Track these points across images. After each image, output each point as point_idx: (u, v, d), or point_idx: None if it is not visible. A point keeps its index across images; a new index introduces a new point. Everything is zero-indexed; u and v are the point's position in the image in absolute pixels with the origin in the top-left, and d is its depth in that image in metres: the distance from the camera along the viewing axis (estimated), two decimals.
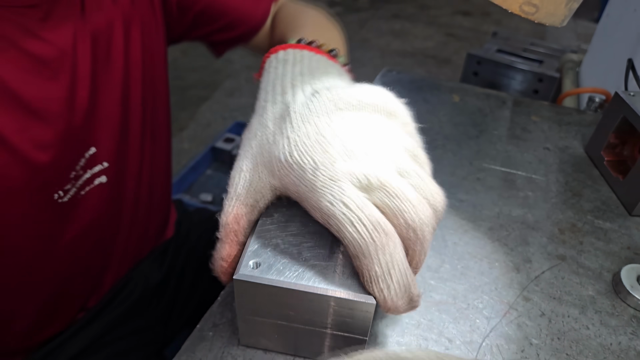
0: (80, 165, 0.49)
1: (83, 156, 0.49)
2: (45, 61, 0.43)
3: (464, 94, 0.73)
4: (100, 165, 0.51)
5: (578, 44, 2.15)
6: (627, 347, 0.40)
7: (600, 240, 0.49)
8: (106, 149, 0.51)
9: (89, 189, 0.51)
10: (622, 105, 0.54)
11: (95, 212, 0.52)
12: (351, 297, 0.29)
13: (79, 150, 0.48)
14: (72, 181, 0.48)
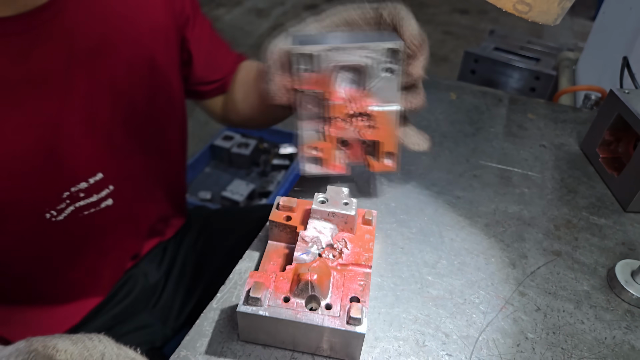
0: (79, 187, 0.49)
1: (85, 180, 0.50)
2: (29, 91, 0.43)
3: (461, 92, 0.74)
4: (107, 189, 0.52)
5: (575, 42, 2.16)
6: (621, 341, 0.40)
7: (595, 236, 0.50)
8: (111, 172, 0.52)
9: (94, 211, 0.52)
10: (617, 103, 0.55)
11: (101, 230, 0.54)
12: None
13: (74, 174, 0.49)
14: (65, 201, 0.49)
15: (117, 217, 0.55)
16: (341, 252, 0.41)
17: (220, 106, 0.70)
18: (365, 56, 0.42)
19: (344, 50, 0.42)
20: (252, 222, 0.73)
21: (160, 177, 0.63)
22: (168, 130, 0.62)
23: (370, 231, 0.43)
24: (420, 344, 0.39)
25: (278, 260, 0.42)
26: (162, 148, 0.61)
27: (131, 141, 0.55)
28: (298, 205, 0.43)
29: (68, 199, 0.49)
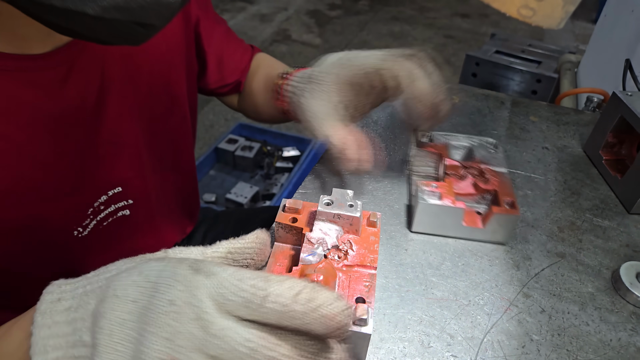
0: (100, 201, 0.50)
1: (105, 194, 0.51)
2: (63, 120, 0.44)
3: (463, 95, 0.74)
4: (125, 201, 0.53)
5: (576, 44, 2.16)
6: (626, 343, 0.40)
7: (599, 238, 0.50)
8: (131, 187, 0.53)
9: (112, 220, 0.53)
10: (619, 105, 0.55)
11: (117, 239, 0.55)
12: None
13: (97, 190, 0.50)
14: (89, 217, 0.50)
15: (134, 227, 0.56)
16: (346, 253, 0.41)
17: (237, 102, 0.71)
18: (471, 142, 0.55)
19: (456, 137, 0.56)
20: (258, 223, 0.73)
21: (175, 190, 0.64)
22: (182, 145, 0.63)
23: (375, 233, 0.43)
24: (426, 345, 0.39)
25: (284, 262, 0.42)
26: (178, 164, 0.62)
27: (149, 158, 0.56)
28: (304, 207, 0.43)
29: (92, 215, 0.50)
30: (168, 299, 0.24)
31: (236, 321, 0.23)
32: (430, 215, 0.47)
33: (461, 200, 0.49)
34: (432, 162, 0.54)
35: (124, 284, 0.26)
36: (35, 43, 0.41)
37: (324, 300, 0.23)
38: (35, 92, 0.41)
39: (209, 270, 0.25)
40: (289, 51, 2.72)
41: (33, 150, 0.42)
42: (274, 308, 0.23)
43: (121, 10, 0.30)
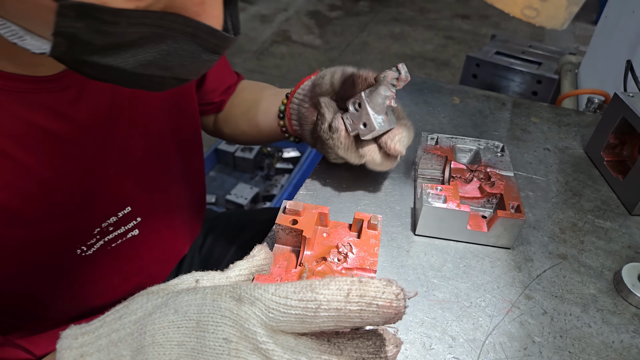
0: (108, 222, 0.50)
1: (115, 215, 0.50)
2: (72, 140, 0.43)
3: (464, 96, 0.74)
4: (134, 221, 0.53)
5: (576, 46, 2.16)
6: (629, 345, 0.40)
7: (601, 239, 0.50)
8: (139, 204, 0.53)
9: (121, 242, 0.52)
10: (621, 106, 0.55)
11: (126, 259, 0.54)
12: None
13: (105, 210, 0.49)
14: (96, 236, 0.49)
15: (143, 245, 0.56)
16: (346, 256, 0.41)
17: (212, 122, 0.71)
18: (478, 145, 0.55)
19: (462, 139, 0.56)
20: (258, 224, 0.73)
21: (185, 204, 0.64)
22: (192, 157, 0.63)
23: (375, 236, 0.43)
24: (427, 347, 0.39)
25: (284, 264, 0.42)
26: (187, 176, 0.62)
27: (160, 175, 0.56)
28: (304, 209, 0.43)
29: (98, 235, 0.49)
30: (222, 337, 0.23)
31: (294, 339, 0.23)
32: (435, 218, 0.47)
33: (466, 203, 0.49)
34: (438, 165, 0.54)
35: (162, 327, 0.24)
36: (47, 65, 0.40)
37: (376, 291, 0.23)
38: (45, 114, 0.41)
39: (251, 295, 0.24)
40: (289, 52, 2.72)
41: (40, 172, 0.42)
42: (329, 315, 0.22)
43: (160, 67, 0.29)
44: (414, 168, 0.58)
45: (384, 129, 0.47)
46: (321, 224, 0.45)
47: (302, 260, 0.41)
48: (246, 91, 0.68)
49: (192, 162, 0.63)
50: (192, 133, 0.61)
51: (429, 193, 0.47)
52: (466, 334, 0.40)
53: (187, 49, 0.29)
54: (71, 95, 0.42)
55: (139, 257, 0.56)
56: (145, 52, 0.28)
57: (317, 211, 0.43)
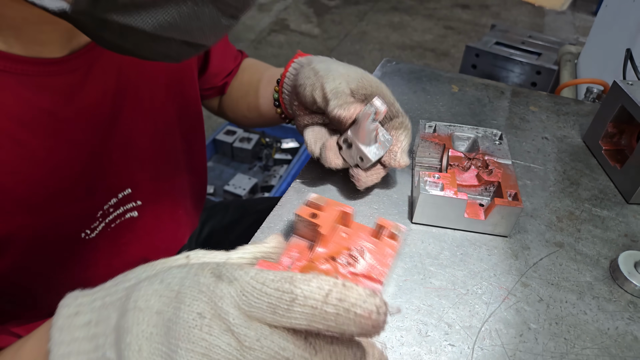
0: (110, 204, 0.50)
1: (115, 196, 0.50)
2: (79, 125, 0.43)
3: (463, 85, 0.73)
4: (134, 202, 0.53)
5: (576, 36, 2.15)
6: (624, 331, 0.40)
7: (597, 227, 0.50)
8: (141, 189, 0.53)
9: (119, 222, 0.52)
10: (620, 95, 0.55)
11: (125, 242, 0.54)
12: None
13: (108, 194, 0.49)
14: (99, 219, 0.49)
15: (142, 230, 0.56)
16: (356, 260, 0.40)
17: (217, 104, 0.71)
18: (476, 133, 0.55)
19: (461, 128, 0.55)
20: (255, 214, 0.73)
21: (188, 193, 0.63)
22: (195, 144, 0.62)
23: (393, 246, 0.41)
24: (423, 334, 0.39)
25: (295, 255, 0.41)
26: (190, 165, 0.62)
27: (165, 162, 0.55)
28: (327, 205, 0.42)
29: (101, 217, 0.49)
30: (197, 312, 0.23)
31: (269, 329, 0.22)
32: (432, 206, 0.47)
33: (464, 191, 0.48)
34: (436, 153, 0.53)
35: (146, 294, 0.24)
36: (54, 47, 0.40)
37: (357, 298, 0.21)
38: (52, 97, 0.40)
39: (231, 275, 0.23)
40: (287, 41, 2.70)
41: (47, 156, 0.41)
42: (303, 312, 0.22)
43: (179, 30, 0.29)
44: (411, 156, 0.58)
45: (380, 155, 0.48)
46: (343, 223, 0.43)
47: (312, 257, 0.40)
48: (245, 73, 0.68)
49: (195, 151, 0.63)
50: (195, 120, 0.60)
51: (427, 181, 0.47)
52: (462, 321, 0.40)
53: (207, 13, 0.29)
54: (77, 79, 0.42)
55: (139, 241, 0.56)
56: (166, 12, 0.27)
57: (340, 209, 0.42)
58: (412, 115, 0.66)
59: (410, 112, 0.67)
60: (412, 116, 0.65)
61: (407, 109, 0.67)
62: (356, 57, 2.56)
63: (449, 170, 0.50)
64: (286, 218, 0.49)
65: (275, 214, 0.50)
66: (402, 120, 0.49)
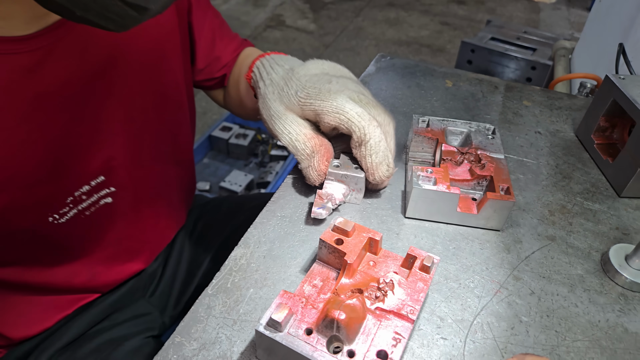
0: (81, 191, 0.49)
1: (87, 183, 0.50)
2: (41, 105, 0.42)
3: (457, 80, 0.73)
4: (107, 189, 0.52)
5: (571, 32, 2.15)
6: (614, 324, 0.40)
7: (589, 221, 0.50)
8: (115, 176, 0.52)
9: (95, 210, 0.52)
10: (612, 89, 0.55)
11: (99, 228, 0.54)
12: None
13: (78, 180, 0.49)
14: (69, 205, 0.49)
15: (117, 216, 0.55)
16: (385, 294, 0.37)
17: (222, 97, 0.70)
18: (469, 128, 0.55)
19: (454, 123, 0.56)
20: (249, 210, 0.73)
21: (173, 184, 0.63)
22: (180, 136, 0.62)
23: (425, 280, 0.38)
24: (415, 327, 0.39)
25: (319, 284, 0.38)
26: (172, 153, 0.61)
27: (140, 150, 0.55)
28: (354, 230, 0.40)
29: (71, 204, 0.49)
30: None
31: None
32: (425, 200, 0.47)
33: (456, 186, 0.49)
34: (429, 148, 0.54)
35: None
36: (19, 24, 0.39)
37: None
38: (11, 76, 0.40)
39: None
40: (283, 37, 2.69)
41: (8, 137, 0.41)
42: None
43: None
44: (405, 151, 0.58)
45: (348, 194, 0.49)
46: (370, 250, 0.41)
47: (337, 288, 0.37)
48: (236, 66, 0.67)
49: (182, 143, 0.62)
50: (178, 110, 0.59)
51: (419, 175, 0.47)
52: (454, 315, 0.40)
53: None
54: (36, 58, 0.41)
55: (114, 227, 0.56)
56: None
57: (368, 235, 0.39)
58: (406, 110, 0.66)
59: (404, 107, 0.67)
60: (405, 111, 0.66)
61: (401, 104, 0.67)
62: (352, 53, 2.55)
63: (441, 164, 0.50)
64: (279, 214, 0.49)
65: (268, 209, 0.50)
66: (359, 135, 0.45)
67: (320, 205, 0.47)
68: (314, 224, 0.48)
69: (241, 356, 0.37)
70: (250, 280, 0.42)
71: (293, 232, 0.47)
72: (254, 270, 0.43)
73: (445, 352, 0.37)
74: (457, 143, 0.54)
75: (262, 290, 0.42)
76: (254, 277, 0.43)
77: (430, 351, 0.38)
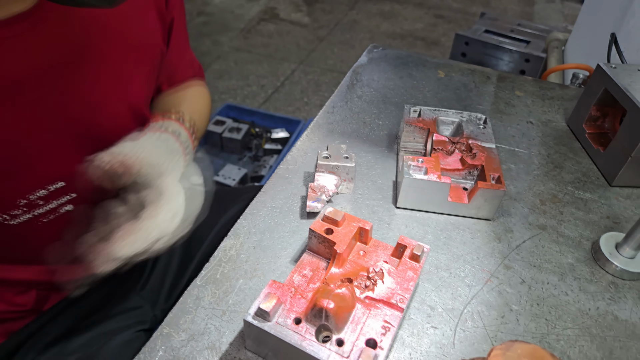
0: (37, 195, 0.47)
1: (44, 187, 0.47)
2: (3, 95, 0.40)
3: (449, 70, 0.73)
4: (68, 196, 0.50)
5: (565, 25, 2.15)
6: (604, 311, 0.40)
7: (580, 210, 0.50)
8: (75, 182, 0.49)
9: (53, 217, 0.49)
10: (604, 78, 0.55)
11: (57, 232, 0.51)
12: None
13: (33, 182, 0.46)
14: (22, 208, 0.46)
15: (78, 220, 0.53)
16: (375, 283, 0.37)
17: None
18: (461, 117, 0.54)
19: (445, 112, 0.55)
20: (242, 202, 0.72)
21: None
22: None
23: (415, 269, 0.37)
24: (406, 317, 0.39)
25: (308, 274, 0.38)
26: None
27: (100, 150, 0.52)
28: (344, 220, 0.39)
29: (25, 207, 0.46)
30: None
31: None
32: (416, 190, 0.47)
33: (448, 175, 0.48)
34: (420, 138, 0.53)
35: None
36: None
37: None
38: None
39: None
40: (276, 30, 2.67)
41: None
42: None
43: None
44: (396, 142, 0.57)
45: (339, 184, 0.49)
46: (360, 240, 0.41)
47: (327, 278, 0.37)
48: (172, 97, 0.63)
49: None
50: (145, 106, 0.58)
51: (410, 165, 0.47)
52: (444, 304, 0.40)
53: None
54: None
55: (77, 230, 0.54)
56: None
57: (358, 225, 0.39)
58: (398, 100, 0.65)
59: (396, 97, 0.66)
60: (397, 101, 0.65)
61: (393, 95, 0.66)
62: (346, 46, 2.54)
63: (433, 154, 0.50)
64: (270, 204, 0.49)
65: (258, 200, 0.50)
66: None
67: (315, 198, 0.46)
68: (308, 218, 0.47)
69: (230, 347, 0.36)
70: (239, 271, 0.42)
71: (283, 223, 0.47)
72: (243, 261, 0.43)
73: (436, 341, 0.37)
74: (449, 133, 0.54)
75: (251, 281, 0.41)
76: (243, 267, 0.42)
77: (420, 340, 0.37)
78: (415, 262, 0.38)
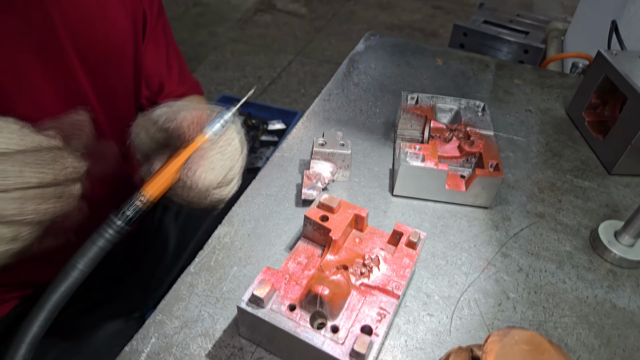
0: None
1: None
2: None
3: (447, 58, 0.72)
4: None
5: (564, 16, 2.13)
6: (602, 299, 0.40)
7: (578, 198, 0.49)
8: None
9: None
10: (604, 65, 0.54)
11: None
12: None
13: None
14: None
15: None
16: (371, 270, 0.36)
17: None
18: (459, 104, 0.53)
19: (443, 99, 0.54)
20: (239, 190, 0.71)
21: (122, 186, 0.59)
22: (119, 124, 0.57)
23: (411, 256, 0.37)
24: (402, 304, 0.38)
25: (303, 261, 0.37)
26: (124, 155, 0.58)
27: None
28: (340, 207, 0.39)
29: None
30: None
31: None
32: (413, 177, 0.46)
33: (445, 162, 0.48)
34: (418, 125, 0.52)
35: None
36: None
37: None
38: None
39: None
40: (273, 21, 2.65)
41: None
42: None
43: None
44: (393, 129, 0.57)
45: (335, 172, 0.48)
46: (356, 227, 0.40)
47: (322, 264, 0.36)
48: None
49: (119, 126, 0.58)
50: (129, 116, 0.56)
51: (407, 152, 0.46)
52: (441, 292, 0.40)
53: None
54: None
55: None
56: None
57: (354, 212, 0.38)
58: (395, 88, 0.65)
59: (393, 85, 0.65)
60: (394, 89, 0.64)
61: (390, 83, 0.66)
62: (344, 37, 2.52)
63: (430, 141, 0.49)
64: (265, 192, 0.48)
65: (253, 187, 0.49)
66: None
67: (310, 185, 0.46)
68: (304, 206, 0.47)
69: (224, 334, 0.36)
70: (234, 258, 0.41)
71: (278, 211, 0.46)
72: (237, 249, 0.42)
73: (432, 328, 0.37)
74: (447, 120, 0.53)
75: (245, 268, 0.41)
76: (237, 255, 0.42)
77: (416, 327, 0.37)
78: (411, 249, 0.37)
